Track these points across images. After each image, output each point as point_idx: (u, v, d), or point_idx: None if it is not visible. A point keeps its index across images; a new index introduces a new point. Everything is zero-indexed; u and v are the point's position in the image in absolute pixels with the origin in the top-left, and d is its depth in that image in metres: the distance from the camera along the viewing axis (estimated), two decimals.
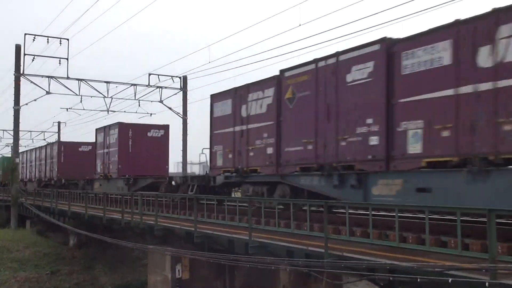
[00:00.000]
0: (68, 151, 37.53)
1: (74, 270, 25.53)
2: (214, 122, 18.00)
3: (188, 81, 37.73)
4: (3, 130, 60.20)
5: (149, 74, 35.77)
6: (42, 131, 62.82)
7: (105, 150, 29.16)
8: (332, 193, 12.70)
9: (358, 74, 12.11)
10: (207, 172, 18.88)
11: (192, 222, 13.93)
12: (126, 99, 36.65)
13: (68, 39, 32.32)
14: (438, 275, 6.86)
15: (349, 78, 12.39)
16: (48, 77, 32.70)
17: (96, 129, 31.37)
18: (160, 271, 16.86)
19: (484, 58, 9.42)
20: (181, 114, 37.55)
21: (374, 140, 11.66)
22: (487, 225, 6.85)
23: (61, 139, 56.36)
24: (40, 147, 43.89)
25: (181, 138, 37.48)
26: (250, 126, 16.02)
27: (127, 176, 26.82)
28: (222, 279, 17.02)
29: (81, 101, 35.43)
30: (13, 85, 33.05)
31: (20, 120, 33.87)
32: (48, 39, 31.77)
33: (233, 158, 16.75)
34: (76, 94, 33.96)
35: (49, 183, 38.92)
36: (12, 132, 35.98)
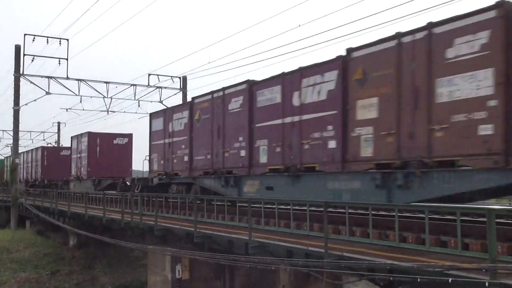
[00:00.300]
0: (51, 155, 42.20)
1: (74, 270, 25.55)
2: (152, 135, 22.51)
3: (188, 81, 37.80)
4: (3, 131, 60.28)
5: (149, 74, 35.81)
6: (42, 132, 62.99)
7: (78, 155, 34.42)
8: (221, 190, 17.07)
9: (235, 104, 16.60)
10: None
11: (192, 222, 13.93)
12: (126, 99, 36.70)
13: (67, 40, 32.35)
14: (438, 275, 6.86)
15: (230, 107, 16.87)
16: (48, 77, 32.70)
17: (71, 137, 36.36)
18: (160, 271, 16.86)
19: (296, 99, 13.84)
20: None
21: (242, 153, 16.05)
22: (487, 225, 6.85)
23: (61, 140, 57.81)
24: (27, 151, 48.25)
25: None
26: (174, 139, 20.44)
27: (93, 177, 31.73)
28: (222, 279, 17.02)
29: (80, 102, 35.51)
30: (13, 86, 33.08)
31: (20, 121, 33.96)
32: (47, 40, 31.78)
33: (163, 164, 21.19)
34: (76, 95, 33.97)
35: (34, 184, 42.64)
36: (12, 133, 36.00)
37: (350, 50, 12.18)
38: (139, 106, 37.17)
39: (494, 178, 9.17)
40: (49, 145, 59.26)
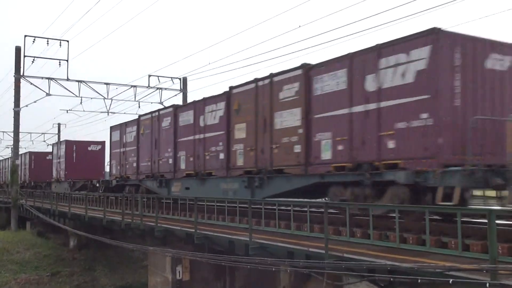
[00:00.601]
0: (37, 160, 46.07)
1: (74, 271, 25.56)
2: (112, 145, 27.01)
3: (188, 82, 37.81)
4: (3, 132, 60.23)
5: (149, 76, 35.82)
6: (42, 133, 62.94)
7: (58, 160, 39.11)
8: (158, 190, 21.23)
9: (166, 123, 20.98)
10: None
11: (192, 223, 13.94)
12: (126, 100, 36.72)
13: (68, 41, 32.37)
14: (439, 276, 6.86)
15: (163, 125, 21.22)
16: (48, 78, 32.71)
17: (52, 144, 42.19)
18: (160, 272, 16.87)
19: (202, 122, 18.68)
20: None
21: (170, 161, 20.31)
22: (488, 226, 6.85)
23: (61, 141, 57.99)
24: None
25: None
26: (127, 149, 24.88)
27: (69, 179, 36.36)
28: (222, 280, 17.03)
29: (81, 103, 35.46)
30: (13, 87, 33.09)
31: (20, 122, 33.94)
32: (48, 41, 31.79)
33: (119, 169, 25.47)
34: (76, 96, 33.97)
35: (23, 185, 44.92)
36: (12, 134, 36.00)
37: (231, 88, 16.65)
38: (139, 107, 37.19)
39: (301, 181, 13.60)
40: (50, 146, 59.47)
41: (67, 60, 32.46)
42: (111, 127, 27.07)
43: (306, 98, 13.28)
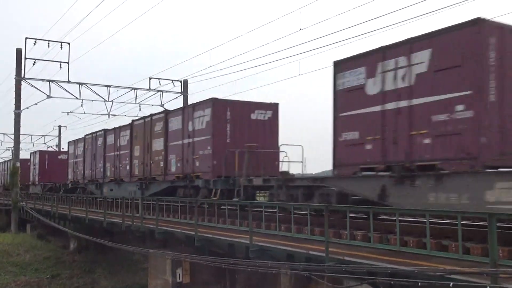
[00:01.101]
0: (21, 165, 48.41)
1: (74, 274, 25.50)
2: (69, 156, 38.15)
3: (188, 85, 37.85)
4: (4, 134, 60.44)
5: (150, 78, 35.90)
6: (43, 135, 63.02)
7: (34, 166, 47.82)
8: (95, 191, 29.94)
9: (99, 142, 30.23)
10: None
11: (192, 226, 13.94)
12: (127, 103, 36.80)
13: (69, 43, 32.53)
14: (439, 279, 6.86)
15: (98, 143, 30.58)
16: (49, 81, 32.79)
17: (30, 153, 51.30)
18: (160, 275, 16.85)
19: (117, 144, 29.08)
20: None
21: (102, 170, 29.07)
22: (488, 229, 6.85)
23: (62, 143, 59.31)
24: (2, 162, 59.39)
25: None
26: (77, 159, 34.97)
27: (41, 183, 45.09)
28: (222, 283, 16.99)
29: (81, 105, 35.64)
30: (14, 89, 33.14)
31: (21, 124, 34.00)
32: (49, 43, 31.91)
33: (72, 175, 36.04)
34: (77, 98, 34.06)
35: (7, 188, 48.52)
36: (12, 136, 36.04)
37: (133, 121, 26.25)
38: (140, 109, 37.27)
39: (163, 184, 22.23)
40: (50, 148, 59.52)
41: (68, 63, 32.62)
42: (68, 142, 38.47)
43: (165, 132, 21.97)
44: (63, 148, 59.11)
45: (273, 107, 19.74)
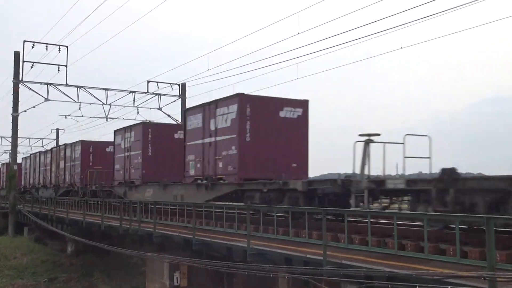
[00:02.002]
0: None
1: (72, 277, 25.44)
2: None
3: (187, 88, 37.82)
4: (2, 137, 60.16)
5: (148, 81, 35.89)
6: (41, 138, 62.92)
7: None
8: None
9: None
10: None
11: (190, 230, 13.91)
12: (125, 106, 36.75)
13: (67, 46, 32.45)
14: (437, 283, 6.85)
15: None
16: (47, 84, 32.75)
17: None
18: (158, 278, 16.81)
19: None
20: (180, 121, 37.58)
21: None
22: (486, 233, 6.85)
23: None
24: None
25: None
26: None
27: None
28: (220, 286, 16.94)
29: (79, 108, 35.58)
30: (12, 92, 33.10)
31: (19, 127, 33.94)
32: (47, 46, 31.87)
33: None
34: (75, 101, 34.04)
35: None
36: (10, 139, 35.99)
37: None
38: (138, 113, 37.23)
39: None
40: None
41: (66, 66, 32.58)
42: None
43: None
44: None
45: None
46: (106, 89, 34.90)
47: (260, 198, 15.31)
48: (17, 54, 32.68)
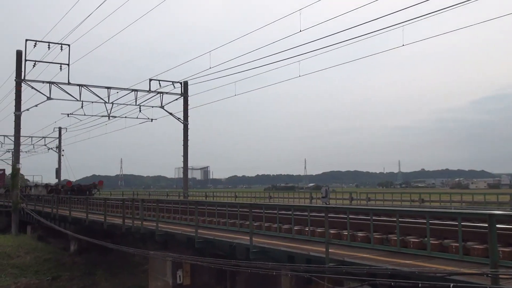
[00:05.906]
0: None
1: (74, 276, 25.48)
2: None
3: (189, 86, 37.83)
4: (4, 136, 60.31)
5: (150, 80, 35.87)
6: (43, 137, 62.88)
7: None
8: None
9: None
10: None
11: (193, 227, 13.93)
12: (127, 104, 36.79)
13: (69, 45, 32.49)
14: (440, 280, 6.85)
15: None
16: (49, 82, 32.79)
17: None
18: (161, 276, 16.84)
19: None
20: (182, 119, 37.60)
21: None
22: (488, 230, 6.85)
23: (62, 145, 59.25)
24: None
25: (182, 144, 37.55)
26: None
27: None
28: (223, 284, 16.97)
29: (82, 107, 35.67)
30: (14, 91, 33.15)
31: (21, 126, 33.97)
32: (49, 45, 31.92)
33: None
34: (77, 100, 34.06)
35: None
36: (13, 138, 36.05)
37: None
38: (140, 111, 37.26)
39: None
40: (51, 150, 59.96)
41: (68, 64, 32.61)
42: None
43: None
44: (63, 150, 59.34)
45: None
46: (108, 88, 34.95)
47: None
48: (19, 53, 32.72)
